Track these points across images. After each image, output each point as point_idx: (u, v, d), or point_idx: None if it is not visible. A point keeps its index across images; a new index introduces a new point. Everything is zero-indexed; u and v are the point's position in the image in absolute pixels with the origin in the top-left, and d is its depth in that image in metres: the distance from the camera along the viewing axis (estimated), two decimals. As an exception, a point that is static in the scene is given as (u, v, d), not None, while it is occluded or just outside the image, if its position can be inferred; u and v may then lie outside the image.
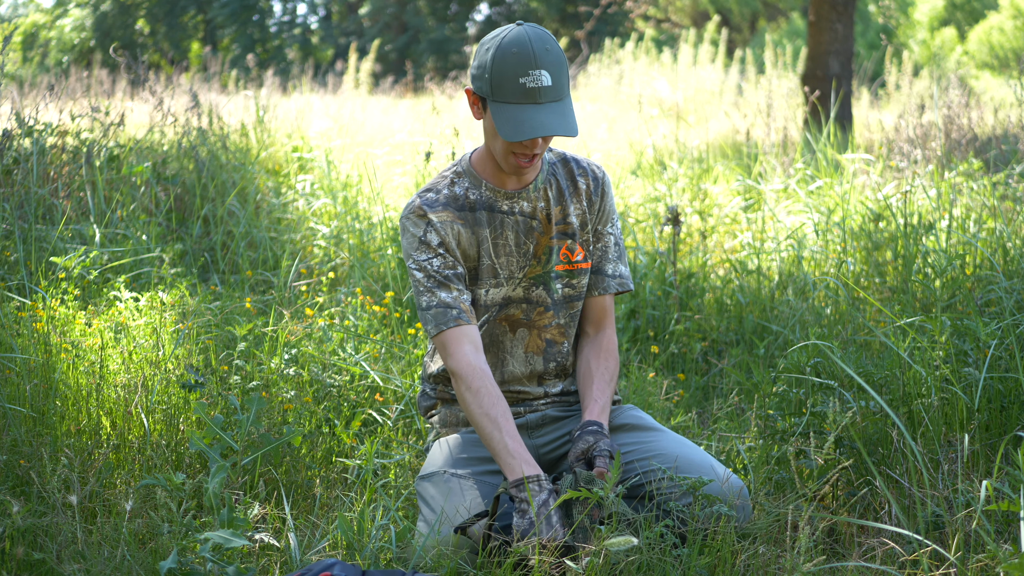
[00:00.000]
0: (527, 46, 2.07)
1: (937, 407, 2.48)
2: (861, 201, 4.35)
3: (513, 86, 2.07)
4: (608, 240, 2.36)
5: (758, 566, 2.04)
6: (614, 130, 7.91)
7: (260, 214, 4.66)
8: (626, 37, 17.17)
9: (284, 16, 24.86)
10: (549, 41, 2.10)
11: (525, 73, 2.06)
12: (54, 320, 2.83)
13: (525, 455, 2.07)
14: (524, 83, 2.06)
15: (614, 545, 1.88)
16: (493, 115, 2.10)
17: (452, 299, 2.20)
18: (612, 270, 2.36)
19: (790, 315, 3.70)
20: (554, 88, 2.08)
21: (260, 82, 10.85)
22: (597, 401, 2.24)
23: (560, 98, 2.10)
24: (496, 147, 2.17)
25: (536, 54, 2.07)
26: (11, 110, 4.51)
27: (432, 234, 2.23)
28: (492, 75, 2.08)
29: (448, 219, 2.24)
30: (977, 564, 1.95)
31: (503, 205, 2.26)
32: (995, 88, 12.21)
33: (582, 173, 2.33)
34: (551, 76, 2.08)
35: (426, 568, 2.01)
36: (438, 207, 2.24)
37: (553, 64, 2.08)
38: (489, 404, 2.12)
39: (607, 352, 2.33)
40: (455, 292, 2.21)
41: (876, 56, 11.83)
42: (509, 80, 2.07)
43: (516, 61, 2.06)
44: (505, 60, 2.07)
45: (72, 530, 2.10)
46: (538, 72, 2.06)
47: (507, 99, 2.08)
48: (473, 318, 2.22)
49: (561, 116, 2.09)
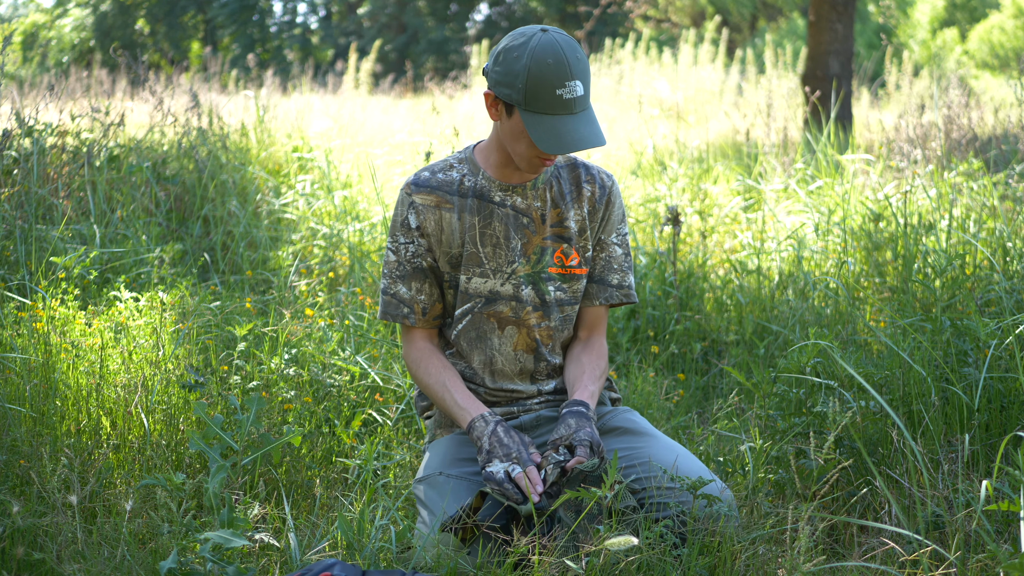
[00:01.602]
0: (561, 56, 2.07)
1: (937, 407, 2.48)
2: (861, 201, 4.35)
3: (550, 97, 2.07)
4: (613, 251, 2.35)
5: (758, 566, 2.04)
6: (614, 130, 7.91)
7: (260, 214, 4.66)
8: (625, 37, 17.18)
9: (284, 16, 24.88)
10: (579, 49, 2.11)
11: (562, 84, 2.07)
12: (54, 320, 2.83)
13: (473, 403, 2.21)
14: (561, 95, 2.07)
15: (614, 545, 1.88)
16: (527, 124, 2.09)
17: (409, 297, 2.29)
18: (618, 281, 2.35)
19: (790, 315, 3.70)
20: (585, 97, 2.11)
21: (260, 82, 10.85)
22: (587, 387, 2.25)
23: (588, 107, 2.13)
24: (518, 149, 2.17)
25: (570, 64, 2.08)
26: (11, 110, 4.51)
27: (412, 216, 2.28)
28: (528, 85, 2.08)
29: (431, 203, 2.27)
30: (977, 564, 1.95)
31: (495, 196, 2.27)
32: (995, 88, 12.21)
33: (589, 180, 2.33)
34: (583, 85, 2.10)
35: (426, 568, 2.01)
36: (425, 190, 2.28)
37: (584, 72, 2.10)
38: (437, 373, 2.26)
39: (598, 354, 2.34)
40: (414, 291, 2.29)
41: (876, 56, 11.83)
42: (546, 91, 2.07)
43: (553, 73, 2.07)
44: (542, 71, 2.07)
45: (72, 530, 2.10)
46: (574, 83, 2.08)
47: (543, 110, 2.08)
48: (425, 320, 2.31)
49: (593, 125, 2.11)
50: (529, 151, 2.15)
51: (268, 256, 4.33)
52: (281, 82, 10.96)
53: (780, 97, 7.69)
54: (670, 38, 19.67)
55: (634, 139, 7.00)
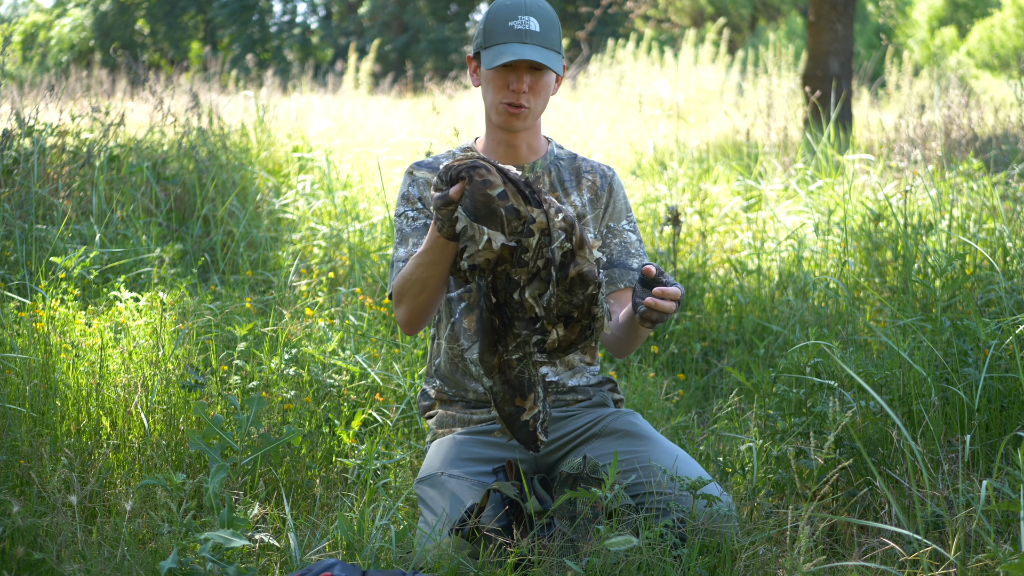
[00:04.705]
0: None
1: (937, 407, 2.48)
2: (861, 201, 4.35)
3: (502, 28, 2.20)
4: (627, 236, 2.37)
5: (758, 566, 2.04)
6: (614, 130, 7.91)
7: (260, 214, 4.66)
8: (626, 38, 17.18)
9: (284, 16, 24.88)
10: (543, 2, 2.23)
11: (514, 17, 2.20)
12: (54, 320, 2.83)
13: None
14: (512, 25, 2.20)
15: (614, 545, 1.88)
16: (483, 59, 2.22)
17: (405, 253, 2.29)
18: (638, 264, 2.35)
19: (790, 315, 3.70)
20: (541, 35, 2.20)
21: (260, 82, 10.85)
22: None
23: (547, 46, 2.21)
24: (488, 98, 2.26)
25: (527, 4, 2.21)
26: (11, 110, 4.51)
27: (414, 189, 2.33)
28: (485, 25, 2.23)
29: (431, 178, 2.32)
30: (977, 564, 1.95)
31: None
32: (995, 88, 12.21)
33: (589, 170, 2.38)
34: (539, 24, 2.20)
35: (426, 568, 2.01)
36: (426, 168, 2.35)
37: (542, 15, 2.22)
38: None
39: None
40: (411, 246, 2.29)
41: (876, 56, 11.83)
42: (499, 24, 2.20)
43: (507, 8, 2.21)
44: (498, 8, 2.23)
45: (72, 530, 2.10)
46: (526, 17, 2.20)
47: (497, 41, 2.20)
48: None
49: (542, 55, 2.19)
50: (495, 95, 2.24)
51: (268, 256, 4.33)
52: (281, 82, 10.96)
53: (780, 97, 7.69)
54: (670, 38, 19.67)
55: (634, 139, 7.00)
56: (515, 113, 2.23)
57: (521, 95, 2.21)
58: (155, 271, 3.65)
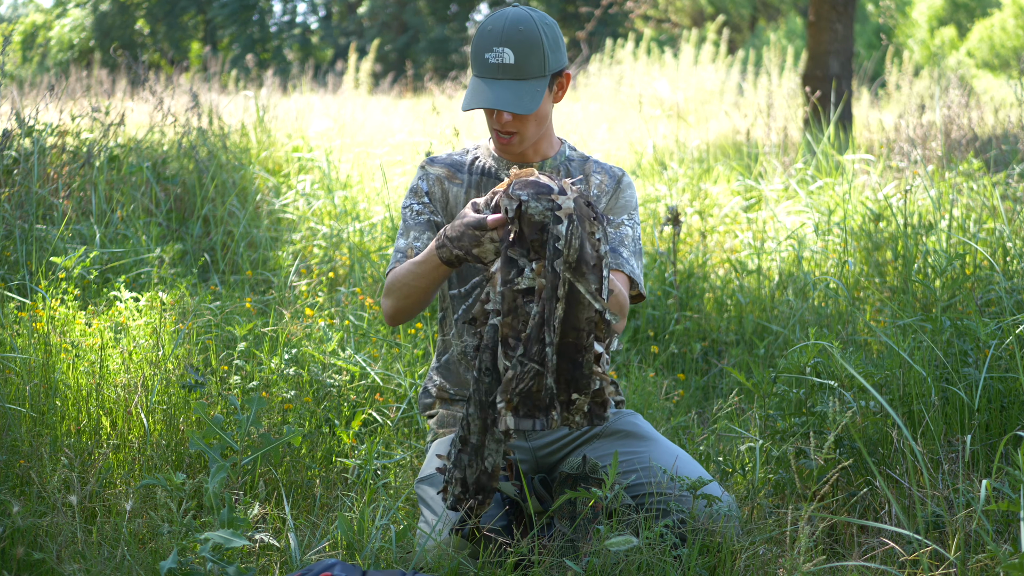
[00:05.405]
0: (501, 24, 2.15)
1: (937, 407, 2.48)
2: (861, 201, 4.36)
3: (479, 61, 2.17)
4: (623, 230, 2.34)
5: (758, 566, 2.04)
6: (614, 130, 7.92)
7: (260, 214, 4.66)
8: (626, 38, 17.18)
9: (284, 16, 24.88)
10: (524, 22, 2.14)
11: (489, 49, 2.15)
12: (54, 320, 2.83)
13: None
14: (488, 58, 2.16)
15: (614, 545, 1.88)
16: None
17: (405, 245, 2.29)
18: (627, 254, 2.31)
19: (790, 315, 3.70)
20: (516, 67, 2.14)
21: (260, 82, 10.84)
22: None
23: (523, 77, 2.15)
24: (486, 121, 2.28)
25: (505, 33, 2.14)
26: (11, 110, 4.51)
27: (424, 183, 2.34)
28: (471, 50, 2.21)
29: (443, 175, 2.34)
30: (977, 564, 1.95)
31: (502, 174, 2.33)
32: (995, 88, 12.21)
33: (599, 171, 2.37)
34: (514, 55, 2.14)
35: (426, 568, 2.01)
36: (439, 164, 2.36)
37: (520, 44, 2.14)
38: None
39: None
40: (411, 239, 2.29)
41: (876, 56, 11.83)
42: (478, 55, 2.18)
43: (485, 38, 2.16)
44: (479, 36, 2.19)
45: (72, 530, 2.10)
46: (501, 49, 2.14)
47: (475, 72, 2.19)
48: None
49: (513, 93, 2.14)
50: (487, 122, 2.25)
51: (268, 256, 4.33)
52: (281, 82, 10.96)
53: (780, 97, 7.70)
54: (670, 38, 19.68)
55: (634, 139, 7.00)
56: (505, 142, 2.25)
57: (505, 126, 2.21)
58: (155, 271, 3.65)
